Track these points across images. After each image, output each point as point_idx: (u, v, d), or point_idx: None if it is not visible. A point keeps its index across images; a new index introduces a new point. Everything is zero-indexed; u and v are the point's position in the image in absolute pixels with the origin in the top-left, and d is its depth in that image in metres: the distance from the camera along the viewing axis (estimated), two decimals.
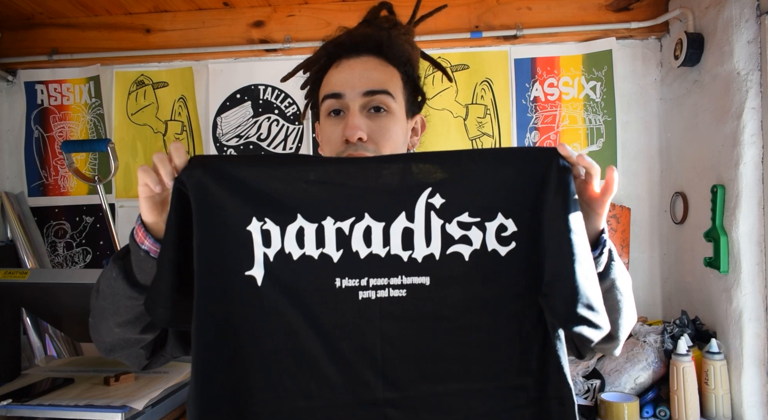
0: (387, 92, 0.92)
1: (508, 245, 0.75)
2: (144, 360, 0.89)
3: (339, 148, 0.90)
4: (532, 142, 2.03)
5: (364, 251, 0.75)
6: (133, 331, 0.82)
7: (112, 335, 0.84)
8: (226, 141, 2.13)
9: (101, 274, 0.84)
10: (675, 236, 1.91)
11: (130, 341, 0.85)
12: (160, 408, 1.43)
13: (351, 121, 0.89)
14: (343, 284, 0.75)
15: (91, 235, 2.18)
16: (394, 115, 0.93)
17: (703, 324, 1.67)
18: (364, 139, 0.88)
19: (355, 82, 0.91)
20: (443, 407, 0.76)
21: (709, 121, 1.67)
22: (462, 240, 0.75)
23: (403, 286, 0.75)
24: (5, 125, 2.24)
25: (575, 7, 1.98)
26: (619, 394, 1.56)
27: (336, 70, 0.93)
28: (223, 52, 2.09)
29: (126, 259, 0.81)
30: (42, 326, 1.98)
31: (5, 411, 1.34)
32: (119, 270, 0.80)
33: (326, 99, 0.93)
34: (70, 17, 2.14)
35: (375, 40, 0.93)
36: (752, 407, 1.52)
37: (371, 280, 0.75)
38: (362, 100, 0.90)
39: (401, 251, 0.75)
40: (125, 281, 0.79)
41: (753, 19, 1.51)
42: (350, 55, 0.93)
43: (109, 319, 0.82)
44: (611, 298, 0.81)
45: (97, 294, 0.84)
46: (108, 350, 0.88)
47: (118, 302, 0.80)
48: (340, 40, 0.95)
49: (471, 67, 2.04)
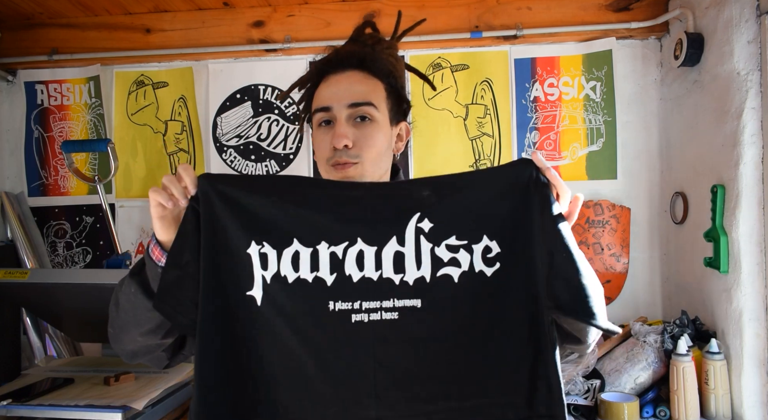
0: (370, 103, 0.99)
1: (493, 266, 0.79)
2: (165, 361, 0.94)
3: (328, 154, 0.98)
4: (532, 142, 2.03)
5: (357, 275, 0.78)
6: (155, 338, 0.87)
7: (134, 344, 0.90)
8: (226, 141, 2.13)
9: (117, 290, 0.90)
10: (675, 236, 1.91)
11: (152, 347, 0.90)
12: (160, 408, 1.43)
13: (338, 130, 0.97)
14: (336, 307, 0.78)
15: (91, 235, 2.18)
16: (378, 123, 1.00)
17: (703, 324, 1.67)
18: (350, 146, 0.96)
19: (341, 95, 0.99)
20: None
21: (709, 121, 1.67)
22: (451, 262, 0.79)
23: (395, 309, 0.78)
24: (5, 125, 2.24)
25: (575, 7, 1.98)
26: (619, 394, 1.56)
27: (324, 85, 1.02)
28: (223, 52, 2.09)
29: (142, 274, 0.86)
30: (42, 326, 1.98)
31: (5, 411, 1.34)
32: (137, 285, 0.85)
33: (317, 112, 1.01)
34: (70, 17, 2.14)
35: (358, 56, 1.02)
36: (752, 407, 1.52)
37: (364, 303, 0.78)
38: (348, 111, 0.98)
39: (393, 274, 0.78)
40: (144, 295, 0.84)
41: (753, 19, 1.51)
42: (336, 71, 1.01)
43: (132, 331, 0.87)
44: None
45: (116, 308, 0.89)
46: (131, 357, 0.93)
47: (140, 315, 0.84)
48: (328, 58, 1.04)
49: (471, 67, 2.04)
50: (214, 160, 2.13)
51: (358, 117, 0.98)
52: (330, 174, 0.99)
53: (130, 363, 0.95)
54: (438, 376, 0.78)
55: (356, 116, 0.98)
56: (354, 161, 0.96)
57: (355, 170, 0.97)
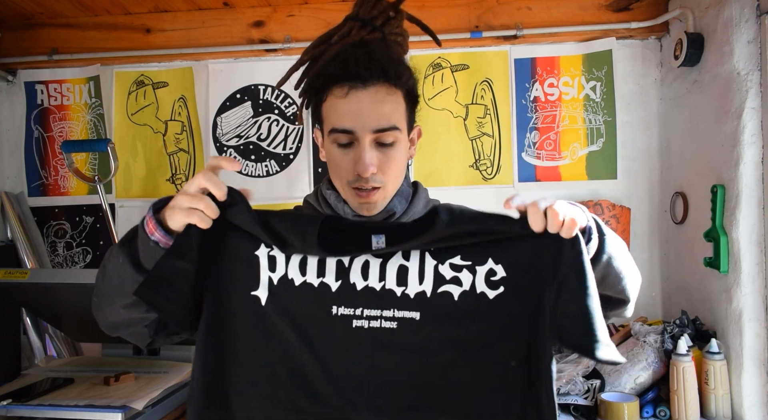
0: (395, 128, 0.94)
1: (496, 289, 0.79)
2: (147, 338, 0.92)
3: (349, 177, 0.95)
4: (532, 142, 2.03)
5: (360, 284, 0.81)
6: (139, 311, 0.85)
7: (117, 315, 0.88)
8: (226, 141, 2.13)
9: (107, 258, 0.88)
10: (675, 236, 1.91)
11: (134, 320, 0.88)
12: (160, 408, 1.43)
13: (365, 159, 0.92)
14: (338, 312, 0.81)
15: (91, 235, 2.18)
16: (401, 144, 0.97)
17: (703, 324, 1.67)
18: (375, 172, 0.94)
19: (365, 118, 0.92)
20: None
21: (709, 121, 1.67)
22: (453, 281, 0.80)
23: (395, 319, 0.80)
24: (5, 125, 2.24)
25: (575, 7, 1.98)
26: (619, 394, 1.56)
27: (344, 101, 0.92)
28: (223, 52, 2.09)
29: (132, 244, 0.84)
30: (42, 326, 1.98)
31: (5, 411, 1.34)
32: (126, 256, 0.83)
33: (336, 132, 0.94)
34: (70, 17, 2.14)
35: (381, 65, 0.92)
36: (752, 407, 1.52)
37: (365, 310, 0.80)
38: (372, 136, 0.93)
39: (395, 286, 0.80)
40: (133, 267, 0.82)
41: (753, 19, 1.51)
42: (357, 85, 0.91)
43: (116, 302, 0.86)
44: (612, 271, 0.85)
45: (102, 277, 0.88)
46: (112, 328, 0.91)
47: (126, 287, 0.82)
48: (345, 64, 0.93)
49: (471, 67, 2.04)
50: None
51: (379, 142, 0.94)
52: (350, 196, 0.97)
53: (111, 335, 0.92)
54: (431, 388, 0.79)
55: (380, 141, 0.94)
56: (378, 186, 0.95)
57: (379, 195, 0.96)
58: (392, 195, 1.00)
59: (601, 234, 0.82)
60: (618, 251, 0.86)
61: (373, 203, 0.96)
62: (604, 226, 0.85)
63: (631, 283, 0.90)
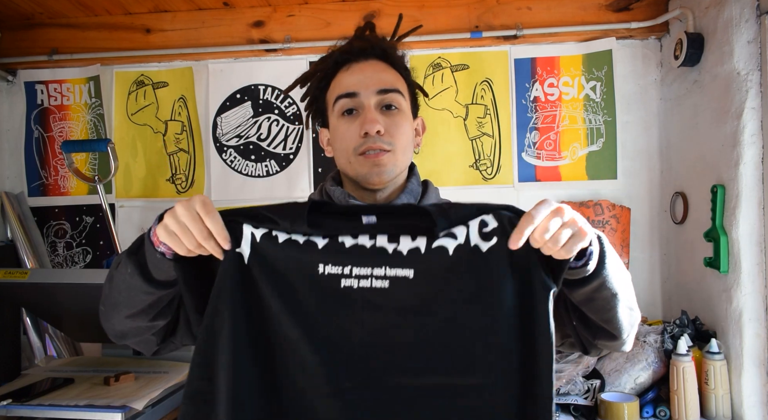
0: (398, 91, 0.97)
1: (489, 241, 0.76)
2: (154, 346, 0.91)
3: (356, 142, 0.94)
4: (532, 142, 2.03)
5: (349, 242, 0.77)
6: (145, 320, 0.85)
7: (123, 324, 0.87)
8: (226, 141, 2.13)
9: (114, 267, 0.86)
10: (675, 236, 1.91)
11: (141, 329, 0.87)
12: (160, 408, 1.43)
13: (369, 116, 0.93)
14: (326, 271, 0.76)
15: (91, 235, 2.18)
16: (405, 113, 0.98)
17: (703, 324, 1.67)
18: (382, 132, 0.93)
19: (368, 81, 0.95)
20: (419, 399, 0.75)
21: (709, 121, 1.67)
22: (447, 235, 0.76)
23: (387, 278, 0.76)
24: (5, 125, 2.24)
25: (575, 7, 1.98)
26: (619, 394, 1.56)
27: (347, 72, 0.97)
28: (223, 52, 2.09)
29: (140, 254, 0.82)
30: (42, 326, 1.98)
31: (5, 411, 1.34)
32: (134, 266, 0.81)
33: (340, 99, 0.96)
34: (70, 17, 2.14)
35: (380, 47, 0.99)
36: (752, 407, 1.52)
37: (354, 268, 0.76)
38: (376, 98, 0.95)
39: (387, 244, 0.77)
40: (141, 277, 0.81)
41: (753, 19, 1.51)
42: (359, 59, 0.97)
43: (123, 311, 0.85)
44: (600, 297, 0.80)
45: (110, 286, 0.86)
46: (119, 337, 0.91)
47: (134, 297, 0.82)
48: (347, 48, 1.00)
49: (471, 67, 2.04)
50: (214, 160, 2.13)
51: (384, 105, 0.95)
52: (357, 165, 0.95)
53: (118, 343, 0.92)
54: (425, 350, 0.75)
55: (384, 104, 0.95)
56: (387, 148, 0.93)
57: (388, 158, 0.94)
58: (402, 167, 0.98)
59: (602, 253, 0.78)
60: (616, 281, 0.80)
61: (383, 166, 0.93)
62: (611, 252, 0.80)
63: (623, 317, 0.84)
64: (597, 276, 0.78)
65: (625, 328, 0.86)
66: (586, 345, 0.91)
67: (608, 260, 0.78)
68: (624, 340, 0.88)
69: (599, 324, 0.85)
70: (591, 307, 0.83)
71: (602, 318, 0.83)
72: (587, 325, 0.87)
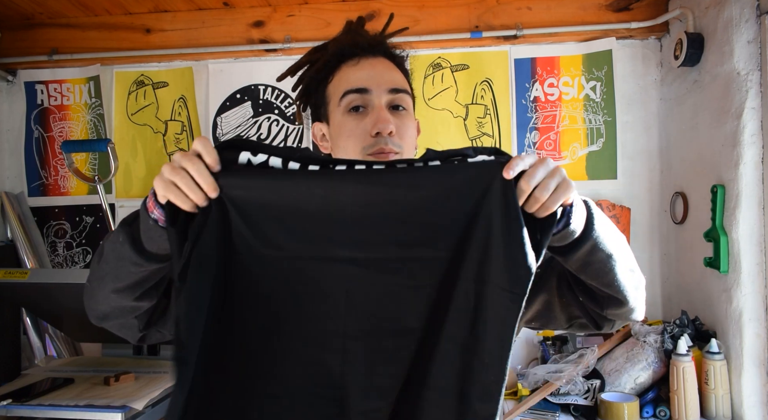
0: (407, 92, 0.95)
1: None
2: (137, 331, 0.87)
3: (365, 142, 0.91)
4: (532, 142, 2.03)
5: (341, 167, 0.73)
6: (130, 298, 0.81)
7: (107, 302, 0.83)
8: None
9: (107, 238, 0.83)
10: (675, 236, 1.91)
11: (125, 309, 0.84)
12: (160, 408, 1.43)
13: (383, 115, 0.91)
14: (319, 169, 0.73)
15: (91, 235, 2.18)
16: (411, 114, 0.96)
17: (703, 324, 1.67)
18: (393, 134, 0.91)
19: (380, 79, 0.93)
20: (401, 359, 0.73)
21: (709, 121, 1.67)
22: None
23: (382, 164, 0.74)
24: (5, 125, 2.24)
25: (575, 7, 1.98)
26: (619, 394, 1.56)
27: (355, 67, 0.95)
28: (223, 52, 2.09)
29: (134, 224, 0.78)
30: (42, 326, 1.98)
31: (5, 411, 1.34)
32: (126, 235, 0.78)
33: (349, 94, 0.93)
34: (70, 17, 2.14)
35: (385, 46, 0.97)
36: (752, 407, 1.52)
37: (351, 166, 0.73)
38: (387, 97, 0.93)
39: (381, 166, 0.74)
40: (132, 247, 0.77)
41: (753, 19, 1.51)
42: (367, 55, 0.95)
43: (108, 285, 0.81)
44: (596, 260, 0.79)
45: (99, 257, 0.83)
46: (101, 318, 0.87)
47: (122, 267, 0.79)
48: (353, 41, 0.97)
49: (471, 67, 2.04)
50: None
51: (393, 105, 0.93)
52: None
53: (99, 325, 0.88)
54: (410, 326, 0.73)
55: (393, 104, 0.93)
56: (397, 151, 0.91)
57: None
58: None
59: (590, 216, 0.76)
60: (609, 241, 0.79)
61: None
62: (599, 213, 0.78)
63: (624, 278, 0.82)
64: (587, 238, 0.77)
65: (630, 291, 0.85)
66: (597, 320, 0.90)
67: (597, 221, 0.77)
68: (632, 305, 0.86)
69: (603, 291, 0.84)
70: (589, 272, 0.81)
71: (603, 283, 0.82)
72: (593, 297, 0.86)
